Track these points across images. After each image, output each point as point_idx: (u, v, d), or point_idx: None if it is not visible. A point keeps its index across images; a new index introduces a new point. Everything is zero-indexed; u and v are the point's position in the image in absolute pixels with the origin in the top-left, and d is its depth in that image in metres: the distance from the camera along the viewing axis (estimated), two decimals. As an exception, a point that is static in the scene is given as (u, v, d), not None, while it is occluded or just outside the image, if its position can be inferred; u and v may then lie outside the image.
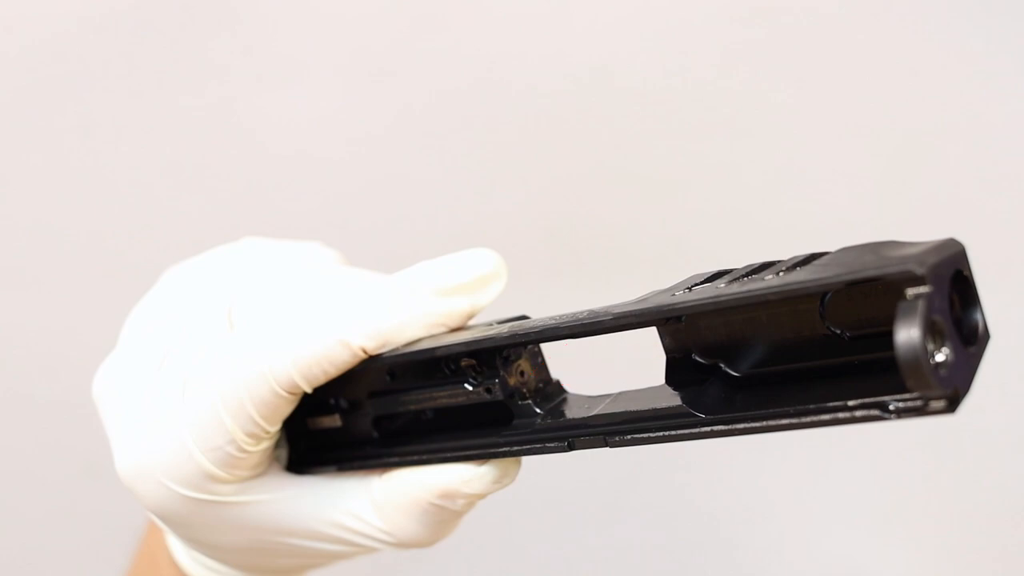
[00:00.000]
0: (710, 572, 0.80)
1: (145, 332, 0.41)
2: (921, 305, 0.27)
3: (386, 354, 0.38)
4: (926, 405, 0.29)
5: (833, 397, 0.31)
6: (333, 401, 0.42)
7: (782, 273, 0.32)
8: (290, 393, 0.38)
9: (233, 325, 0.41)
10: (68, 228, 0.81)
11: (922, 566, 0.77)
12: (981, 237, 0.42)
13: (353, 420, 0.42)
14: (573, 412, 0.38)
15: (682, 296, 0.33)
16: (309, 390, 0.38)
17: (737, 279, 0.33)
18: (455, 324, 0.39)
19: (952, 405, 0.28)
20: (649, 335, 0.37)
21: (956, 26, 0.72)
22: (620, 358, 0.36)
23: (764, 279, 0.32)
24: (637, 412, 0.36)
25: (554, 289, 0.74)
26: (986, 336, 0.30)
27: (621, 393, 0.38)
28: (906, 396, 0.29)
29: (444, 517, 0.40)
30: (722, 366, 0.35)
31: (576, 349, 0.40)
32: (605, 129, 0.76)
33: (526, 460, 0.40)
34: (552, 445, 0.37)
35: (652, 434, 0.35)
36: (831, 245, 0.33)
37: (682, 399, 0.35)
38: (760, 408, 0.32)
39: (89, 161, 0.80)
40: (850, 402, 0.30)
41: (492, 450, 0.39)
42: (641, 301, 0.34)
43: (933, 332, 0.28)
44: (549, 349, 0.40)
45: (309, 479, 0.41)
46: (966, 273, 0.30)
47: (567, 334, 0.35)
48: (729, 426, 0.33)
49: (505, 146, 0.77)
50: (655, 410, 0.35)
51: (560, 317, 0.36)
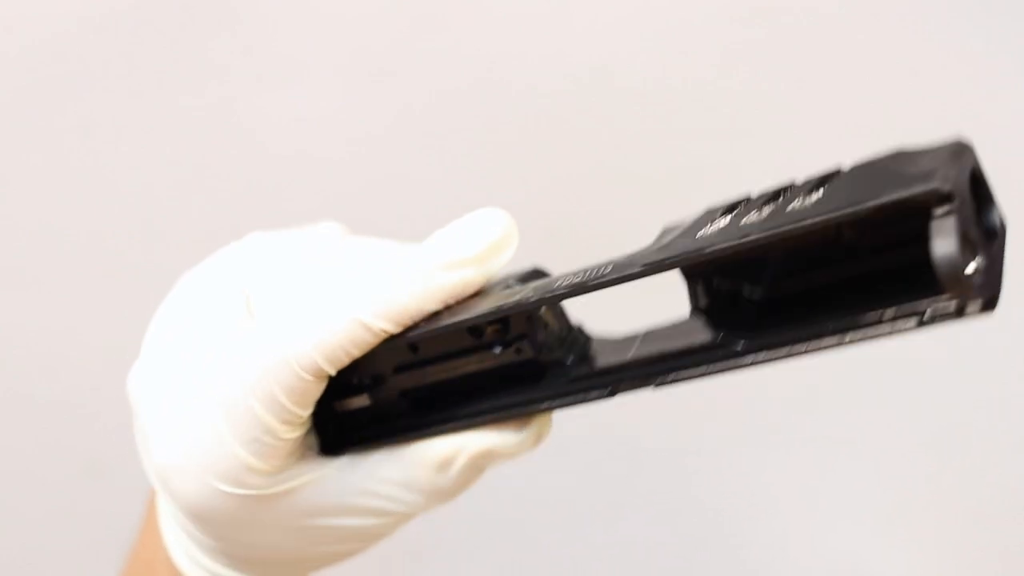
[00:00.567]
0: (714, 569, 0.80)
1: (170, 333, 0.42)
2: (954, 222, 0.27)
3: (411, 332, 0.38)
4: (964, 308, 0.29)
5: (865, 309, 0.31)
6: (357, 381, 0.41)
7: (805, 198, 0.31)
8: (316, 377, 0.39)
9: (253, 315, 0.41)
10: (68, 228, 0.81)
11: (926, 564, 0.77)
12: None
13: (380, 396, 0.41)
14: (606, 358, 0.38)
15: (710, 237, 0.32)
16: (333, 372, 0.39)
17: (757, 208, 0.33)
18: (471, 292, 0.39)
19: (990, 305, 0.29)
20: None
21: (956, 26, 0.72)
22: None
23: (790, 208, 0.31)
24: (673, 350, 0.35)
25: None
26: (1003, 228, 0.31)
27: (649, 332, 0.37)
28: (941, 301, 0.29)
29: (477, 476, 0.40)
30: (745, 288, 0.34)
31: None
32: (605, 129, 0.76)
33: (526, 457, 0.39)
34: (594, 393, 0.37)
35: (695, 369, 0.34)
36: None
37: (715, 331, 0.34)
38: (796, 330, 0.32)
39: (89, 161, 0.80)
40: (886, 312, 0.30)
41: (532, 407, 0.38)
42: (665, 247, 0.34)
43: (966, 245, 0.28)
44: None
45: (343, 458, 0.42)
46: (978, 173, 0.30)
47: (595, 287, 0.35)
48: (772, 351, 0.33)
49: (505, 146, 0.77)
50: (691, 346, 0.35)
51: (585, 272, 0.36)
